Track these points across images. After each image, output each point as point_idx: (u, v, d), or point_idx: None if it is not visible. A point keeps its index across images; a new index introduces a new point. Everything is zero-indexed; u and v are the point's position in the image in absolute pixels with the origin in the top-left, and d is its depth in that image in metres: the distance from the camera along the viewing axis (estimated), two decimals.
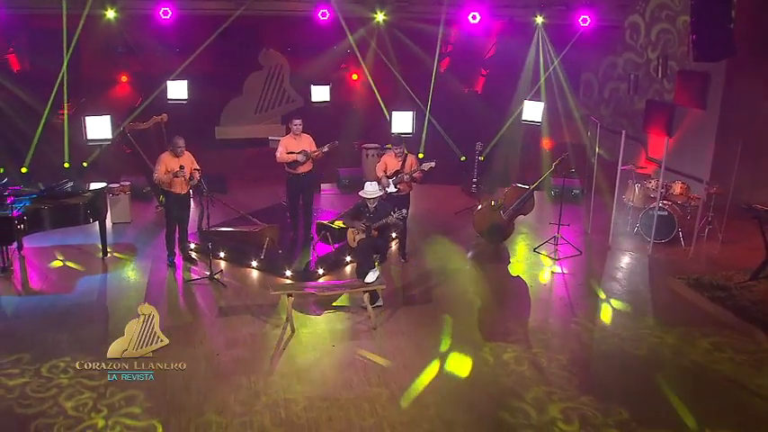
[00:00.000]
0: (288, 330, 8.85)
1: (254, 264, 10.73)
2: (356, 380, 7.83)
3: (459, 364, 8.24)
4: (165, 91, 15.73)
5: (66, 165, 14.42)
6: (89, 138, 14.03)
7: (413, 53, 16.26)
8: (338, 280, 10.26)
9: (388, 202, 9.53)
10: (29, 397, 7.37)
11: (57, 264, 10.86)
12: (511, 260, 11.42)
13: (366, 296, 9.06)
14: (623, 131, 11.85)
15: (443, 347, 8.59)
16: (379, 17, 15.88)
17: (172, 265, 10.70)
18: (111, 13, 14.59)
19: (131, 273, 10.56)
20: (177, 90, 15.96)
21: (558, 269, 11.02)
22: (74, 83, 14.54)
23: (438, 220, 13.01)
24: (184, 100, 15.83)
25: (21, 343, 8.43)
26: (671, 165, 13.03)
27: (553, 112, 15.95)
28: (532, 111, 15.78)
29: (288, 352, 8.40)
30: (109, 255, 11.10)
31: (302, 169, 11.08)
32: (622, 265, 11.34)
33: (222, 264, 10.84)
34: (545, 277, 10.78)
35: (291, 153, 10.97)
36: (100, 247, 11.09)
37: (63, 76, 14.13)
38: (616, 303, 9.92)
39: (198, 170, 10.36)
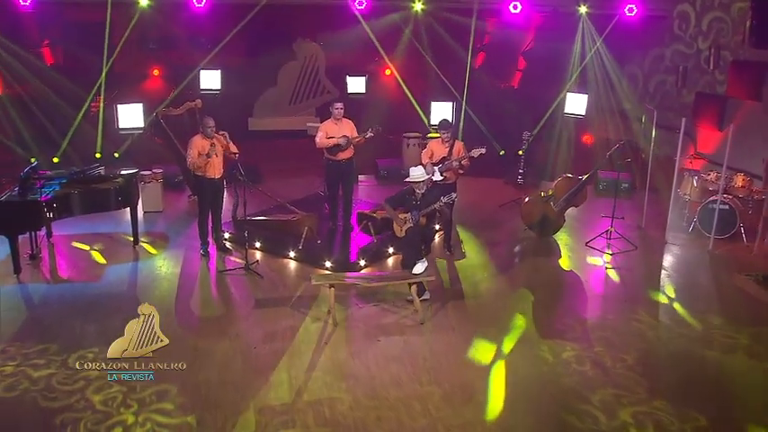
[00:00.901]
0: (330, 323, 8.15)
1: (292, 254, 10.06)
2: (405, 377, 7.12)
3: (517, 363, 7.51)
4: (197, 81, 15.21)
5: (98, 155, 13.94)
6: (121, 126, 13.58)
7: (449, 44, 15.58)
8: (381, 271, 9.55)
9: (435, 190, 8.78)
10: (55, 389, 6.78)
11: (86, 251, 10.25)
12: (562, 254, 10.60)
13: (413, 288, 8.35)
14: (683, 119, 10.99)
15: (498, 344, 7.85)
16: (417, 6, 15.22)
17: (205, 254, 10.07)
18: (144, 1, 14.08)
19: (162, 262, 9.92)
20: (210, 80, 15.45)
21: (612, 264, 10.19)
22: (106, 76, 14.12)
23: (482, 212, 12.25)
24: (217, 90, 15.29)
25: (48, 332, 7.86)
26: (722, 159, 12.15)
27: (594, 107, 15.11)
28: (576, 103, 15.04)
29: (330, 346, 7.71)
30: (140, 243, 10.46)
31: (342, 155, 10.39)
32: (681, 261, 10.51)
33: (258, 254, 10.17)
34: (600, 272, 9.98)
35: (332, 138, 10.28)
36: (131, 235, 10.45)
37: (102, 68, 13.92)
38: (679, 301, 9.10)
39: (235, 154, 9.68)
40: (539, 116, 15.35)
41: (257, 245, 10.29)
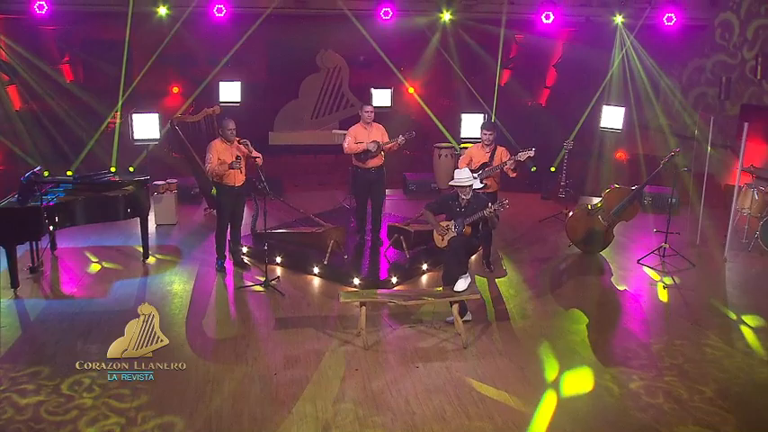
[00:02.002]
0: (360, 347, 7.01)
1: (316, 270, 8.95)
2: (450, 410, 5.97)
3: (578, 394, 6.34)
4: (216, 93, 14.26)
5: (113, 168, 12.98)
6: (136, 137, 12.59)
7: (479, 54, 14.60)
8: (416, 289, 8.43)
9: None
10: (42, 420, 5.72)
11: (92, 265, 9.22)
12: (613, 272, 9.41)
13: (455, 308, 7.20)
14: (745, 124, 9.83)
15: (554, 372, 6.70)
16: (445, 17, 14.25)
17: (221, 269, 9.00)
18: (162, 11, 13.25)
19: (175, 278, 8.85)
20: (230, 92, 14.45)
21: (670, 283, 8.99)
22: (125, 93, 13.35)
23: (521, 228, 11.10)
24: (237, 103, 14.30)
25: (41, 354, 6.81)
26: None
27: (628, 122, 13.98)
28: (612, 117, 13.89)
29: (361, 373, 6.57)
30: (150, 257, 9.41)
31: (372, 163, 9.32)
32: (747, 279, 9.29)
33: (279, 270, 9.08)
34: (658, 292, 8.77)
35: (361, 143, 9.22)
36: (141, 248, 9.39)
37: (121, 85, 13.23)
38: (752, 324, 7.89)
39: (258, 158, 8.64)
40: (569, 131, 14.22)
41: (278, 260, 9.20)
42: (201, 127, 11.32)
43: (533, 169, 14.17)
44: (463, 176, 7.28)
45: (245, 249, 9.49)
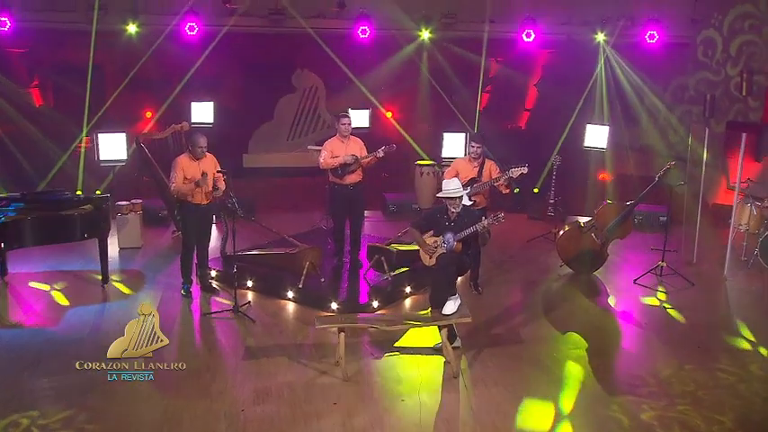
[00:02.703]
0: (339, 378, 6.18)
1: (291, 295, 8.13)
2: None
3: (583, 427, 5.58)
4: (188, 113, 13.45)
5: (79, 192, 12.07)
6: (102, 158, 11.66)
7: (458, 74, 14.03)
8: (400, 312, 7.65)
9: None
10: None
11: (45, 291, 8.30)
12: (609, 293, 8.69)
13: (443, 333, 6.41)
14: (743, 135, 9.26)
15: (555, 402, 5.91)
16: (425, 35, 13.66)
17: (187, 294, 8.15)
18: (132, 28, 12.53)
19: (136, 304, 7.93)
20: (202, 112, 13.59)
21: (671, 304, 8.28)
22: (96, 118, 12.63)
23: (509, 249, 10.35)
24: (210, 124, 13.47)
25: None
26: (760, 193, 10.39)
27: (611, 142, 13.40)
28: (596, 136, 13.26)
29: (340, 408, 5.75)
30: (110, 282, 8.52)
31: (350, 179, 8.55)
32: (750, 299, 8.61)
33: (250, 295, 8.24)
34: (659, 313, 8.06)
35: (337, 157, 8.47)
36: (100, 273, 8.50)
37: (86, 106, 12.43)
38: (763, 345, 7.16)
39: (223, 172, 7.86)
40: (551, 152, 13.60)
41: (249, 284, 8.37)
42: (169, 144, 10.53)
43: (516, 191, 13.41)
44: (452, 187, 6.53)
45: (213, 273, 8.64)
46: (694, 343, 7.18)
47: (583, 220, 9.68)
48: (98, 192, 12.03)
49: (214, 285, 8.48)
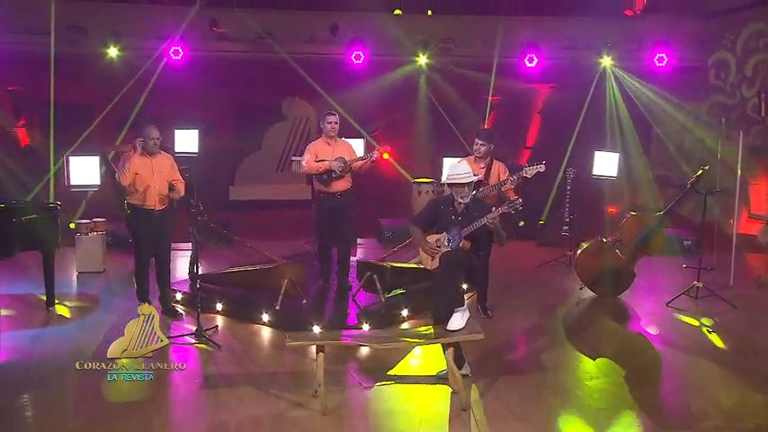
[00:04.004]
0: (317, 412, 4.71)
1: (266, 318, 6.68)
2: None
3: None
4: (171, 142, 12.21)
5: (73, 225, 10.70)
6: (72, 183, 10.33)
7: (460, 99, 12.91)
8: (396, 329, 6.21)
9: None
10: None
11: None
12: (640, 316, 7.23)
13: (449, 354, 4.95)
14: None
15: None
16: (422, 60, 12.55)
17: None
18: (113, 51, 11.44)
19: (82, 329, 6.50)
20: (186, 141, 12.31)
21: (714, 328, 6.81)
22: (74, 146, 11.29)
23: (518, 273, 8.86)
24: (194, 153, 12.21)
25: None
26: None
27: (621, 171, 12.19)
28: (605, 164, 11.98)
29: None
30: (58, 306, 7.07)
31: (337, 186, 7.20)
32: None
33: (219, 320, 6.79)
34: (703, 338, 6.59)
35: (323, 161, 7.14)
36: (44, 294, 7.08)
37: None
38: None
39: (182, 181, 6.57)
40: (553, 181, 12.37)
41: (218, 307, 6.92)
42: None
43: (521, 224, 12.11)
44: (460, 171, 5.16)
45: (179, 296, 7.21)
46: (756, 370, 5.71)
47: (607, 235, 8.27)
48: (72, 225, 10.68)
49: (178, 309, 7.04)
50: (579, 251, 7.93)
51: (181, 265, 8.28)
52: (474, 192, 6.27)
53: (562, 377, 5.56)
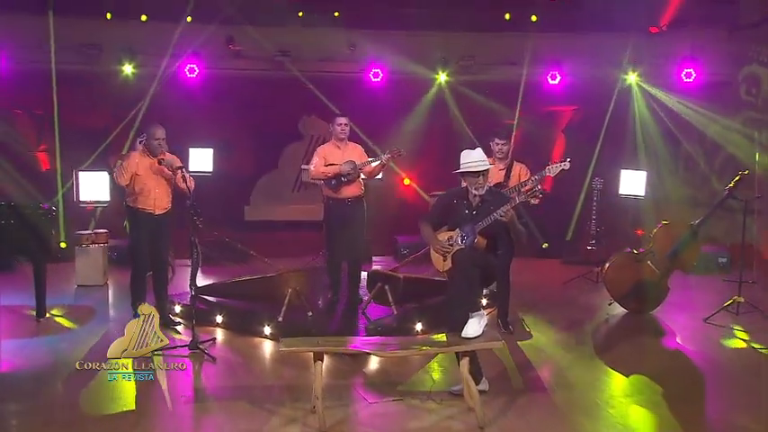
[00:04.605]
0: (313, 428, 4.12)
1: (268, 331, 6.12)
2: None
3: None
4: (186, 160, 11.87)
5: (63, 244, 10.33)
6: (81, 199, 9.98)
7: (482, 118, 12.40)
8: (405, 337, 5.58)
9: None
10: None
11: None
12: (676, 332, 6.53)
13: (464, 365, 4.34)
14: None
15: None
16: (441, 78, 12.09)
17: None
18: (128, 69, 11.16)
19: (73, 340, 5.99)
20: (201, 160, 11.93)
21: (761, 344, 6.10)
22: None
23: (541, 291, 8.18)
24: (209, 172, 11.82)
25: None
26: None
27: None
28: (632, 182, 11.32)
29: None
30: (47, 316, 6.57)
31: (348, 192, 6.69)
32: None
33: (219, 333, 6.24)
34: (750, 355, 5.90)
35: (332, 165, 6.64)
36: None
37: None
38: None
39: (181, 168, 6.09)
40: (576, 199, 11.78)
41: (218, 319, 6.38)
42: None
43: (544, 245, 11.49)
44: (474, 159, 4.60)
45: (177, 308, 6.68)
46: None
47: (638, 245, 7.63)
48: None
49: (178, 321, 6.51)
50: (608, 264, 7.28)
51: (186, 278, 7.80)
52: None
53: (592, 395, 4.90)
